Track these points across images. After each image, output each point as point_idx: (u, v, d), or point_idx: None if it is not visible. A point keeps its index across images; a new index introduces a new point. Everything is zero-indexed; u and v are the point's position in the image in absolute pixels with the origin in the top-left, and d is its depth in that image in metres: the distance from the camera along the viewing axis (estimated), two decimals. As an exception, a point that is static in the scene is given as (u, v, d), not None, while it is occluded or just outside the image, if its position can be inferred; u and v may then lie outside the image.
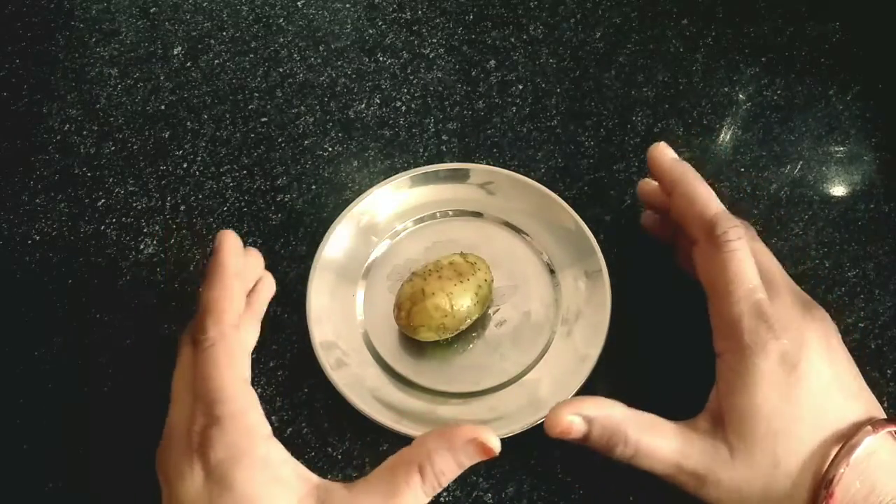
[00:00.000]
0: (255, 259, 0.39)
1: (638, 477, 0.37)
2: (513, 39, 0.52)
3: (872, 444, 0.29)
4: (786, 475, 0.29)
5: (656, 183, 0.41)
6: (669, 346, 0.40)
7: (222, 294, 0.32)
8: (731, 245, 0.32)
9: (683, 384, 0.40)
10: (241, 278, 0.35)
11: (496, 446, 0.29)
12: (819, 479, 0.29)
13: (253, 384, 0.39)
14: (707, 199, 0.34)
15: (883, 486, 0.29)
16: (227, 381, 0.30)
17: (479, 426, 0.30)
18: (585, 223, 0.42)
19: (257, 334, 0.38)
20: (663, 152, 0.36)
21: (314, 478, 0.30)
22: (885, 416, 0.31)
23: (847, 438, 0.29)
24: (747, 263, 0.32)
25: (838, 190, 0.46)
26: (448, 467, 0.29)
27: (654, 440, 0.31)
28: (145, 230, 0.45)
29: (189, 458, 0.29)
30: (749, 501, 0.30)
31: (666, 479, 0.31)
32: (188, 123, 0.49)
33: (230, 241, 0.34)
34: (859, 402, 0.31)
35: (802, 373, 0.30)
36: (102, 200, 0.46)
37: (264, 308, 0.39)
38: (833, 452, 0.29)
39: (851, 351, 0.41)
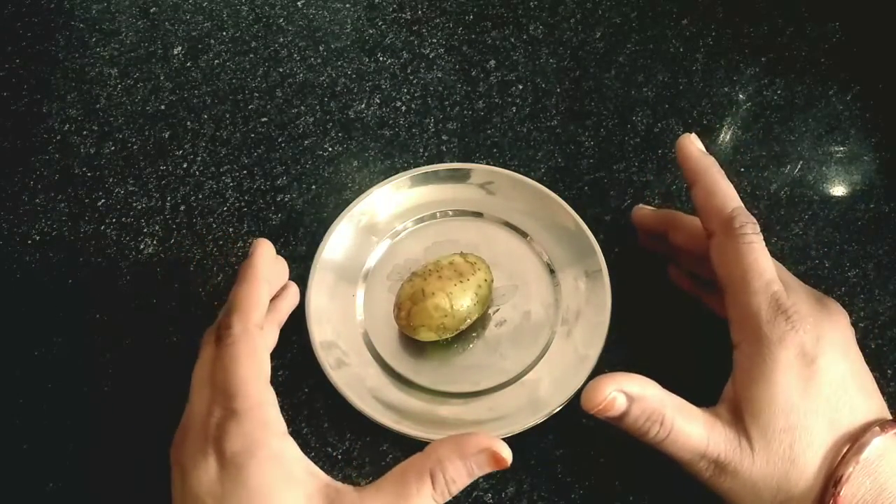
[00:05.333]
0: (282, 266, 0.40)
1: (638, 477, 0.37)
2: (513, 39, 0.52)
3: (882, 445, 0.29)
4: (800, 474, 0.29)
5: (649, 209, 0.42)
6: (669, 346, 0.40)
7: (250, 294, 0.33)
8: (749, 238, 0.32)
9: (684, 384, 0.40)
10: (270, 284, 0.36)
11: (508, 457, 0.29)
12: (829, 478, 0.29)
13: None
14: (728, 193, 0.34)
15: (893, 486, 0.29)
16: (246, 376, 0.30)
17: (491, 436, 0.30)
18: (585, 223, 0.42)
19: (275, 339, 0.39)
20: (692, 142, 0.37)
21: (325, 477, 0.30)
22: (891, 417, 0.31)
23: (857, 437, 0.29)
24: (764, 255, 0.32)
25: (838, 190, 0.46)
26: (459, 476, 0.29)
27: (687, 425, 0.31)
28: (145, 230, 0.45)
29: (204, 448, 0.29)
30: (761, 495, 0.30)
31: (684, 465, 0.31)
32: (188, 123, 0.49)
33: (265, 248, 0.36)
34: (872, 400, 0.31)
35: (820, 367, 0.30)
36: (102, 200, 0.46)
37: (286, 316, 0.40)
38: (844, 451, 0.29)
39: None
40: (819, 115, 0.49)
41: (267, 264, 0.35)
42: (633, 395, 0.31)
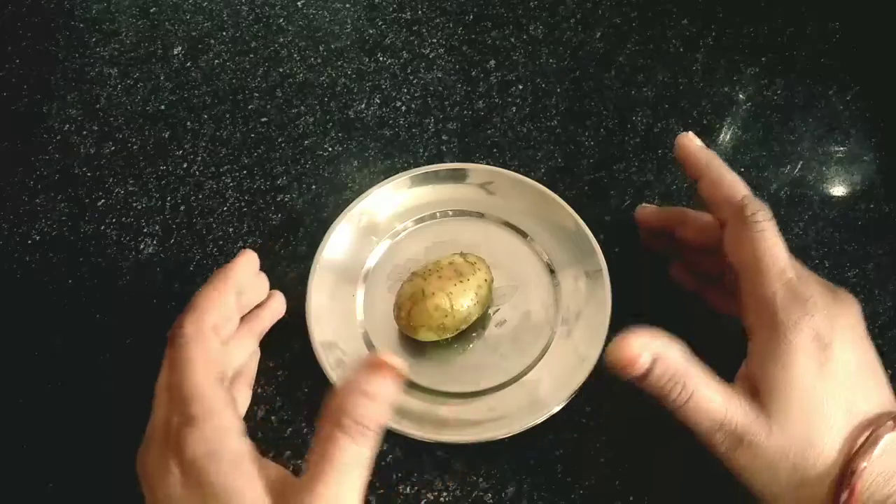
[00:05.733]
0: (263, 282, 0.39)
1: (637, 477, 0.37)
2: (513, 39, 0.52)
3: (893, 438, 0.29)
4: (817, 456, 0.29)
5: (653, 207, 0.42)
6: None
7: (209, 296, 0.33)
8: (761, 225, 0.33)
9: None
10: (241, 293, 0.36)
11: (398, 363, 0.29)
12: (846, 465, 0.29)
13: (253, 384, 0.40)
14: (735, 182, 0.35)
15: None
16: (200, 380, 0.30)
17: (372, 359, 0.29)
18: (585, 223, 0.42)
19: (250, 351, 0.38)
20: (691, 139, 0.37)
21: (280, 471, 0.30)
22: None
23: (872, 429, 0.29)
24: (777, 242, 0.32)
25: (838, 190, 0.46)
26: (364, 408, 0.28)
27: (708, 391, 0.30)
28: (145, 230, 0.45)
29: (165, 457, 0.29)
30: (778, 475, 0.30)
31: (701, 436, 0.31)
32: (188, 123, 0.49)
33: (245, 257, 0.35)
34: (884, 390, 0.31)
35: (834, 353, 0.30)
36: (102, 200, 0.46)
37: (268, 325, 0.39)
38: (860, 441, 0.29)
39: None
40: (819, 115, 0.49)
41: (241, 271, 0.35)
42: (658, 353, 0.30)
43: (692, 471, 0.37)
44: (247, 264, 0.35)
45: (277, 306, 0.40)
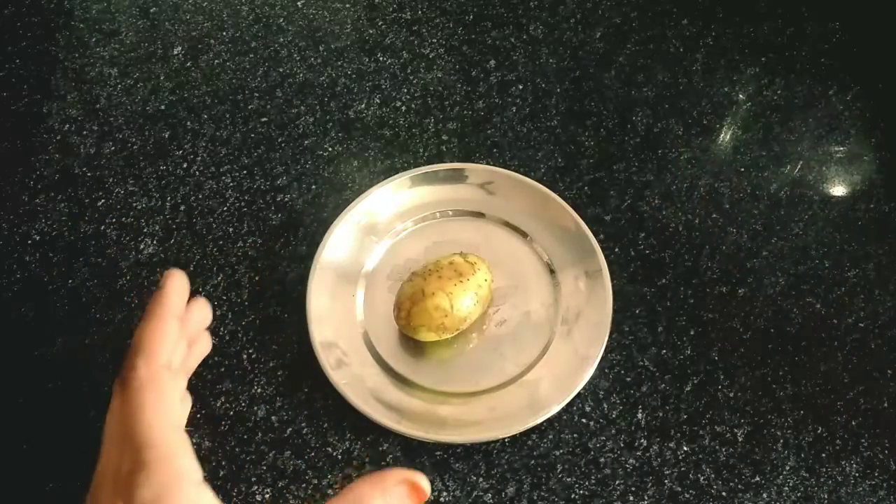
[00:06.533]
0: (203, 311, 0.35)
1: (637, 477, 0.37)
2: (513, 39, 0.52)
3: None
4: None
5: None
6: (669, 346, 0.40)
7: (157, 332, 0.31)
8: None
9: (683, 385, 0.40)
10: (182, 321, 0.33)
11: (427, 487, 0.28)
12: None
13: (253, 384, 0.40)
14: None
15: None
16: (155, 424, 0.29)
17: (409, 470, 0.28)
18: (585, 223, 0.42)
19: (183, 390, 0.34)
20: None
21: None
22: None
23: None
24: None
25: (838, 190, 0.46)
26: None
27: None
28: (145, 230, 0.45)
29: (115, 503, 0.27)
30: None
31: None
32: (188, 123, 0.49)
33: (176, 281, 0.33)
34: None
35: None
36: (102, 200, 0.46)
37: (194, 365, 0.35)
38: None
39: (851, 351, 0.41)
40: (819, 115, 0.49)
41: (178, 297, 0.33)
42: None
43: (692, 470, 0.37)
44: (178, 286, 0.33)
45: (205, 342, 0.36)
